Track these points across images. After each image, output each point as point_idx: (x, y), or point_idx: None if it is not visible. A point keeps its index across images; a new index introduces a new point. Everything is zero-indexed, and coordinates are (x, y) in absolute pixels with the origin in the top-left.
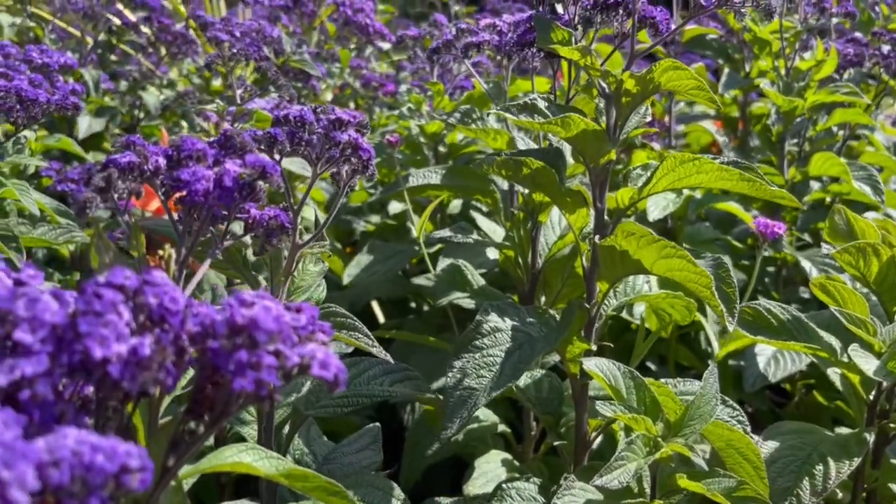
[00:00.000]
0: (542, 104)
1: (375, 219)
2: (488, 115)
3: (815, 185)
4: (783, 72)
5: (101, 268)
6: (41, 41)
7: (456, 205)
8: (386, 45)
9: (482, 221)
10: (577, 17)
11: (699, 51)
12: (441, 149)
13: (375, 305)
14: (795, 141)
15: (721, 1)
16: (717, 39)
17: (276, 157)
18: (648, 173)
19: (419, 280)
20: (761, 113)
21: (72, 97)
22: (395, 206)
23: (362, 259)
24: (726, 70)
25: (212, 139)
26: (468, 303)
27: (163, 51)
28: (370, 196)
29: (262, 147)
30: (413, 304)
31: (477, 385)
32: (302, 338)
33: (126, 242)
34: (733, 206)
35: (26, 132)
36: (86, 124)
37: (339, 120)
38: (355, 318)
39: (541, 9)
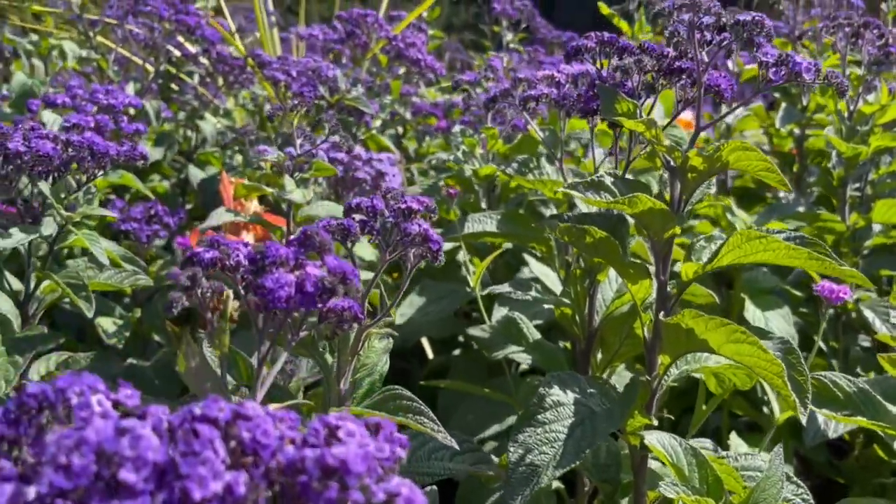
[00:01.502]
0: (608, 180)
1: None
2: (543, 156)
3: (876, 227)
4: (846, 115)
5: (187, 374)
6: (105, 71)
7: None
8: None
9: (535, 266)
10: (640, 85)
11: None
12: (494, 185)
13: (425, 340)
14: (857, 185)
15: (790, 76)
16: None
17: (349, 244)
18: (713, 247)
19: (474, 331)
20: (817, 147)
21: (139, 148)
22: (445, 244)
23: (415, 299)
24: (783, 105)
25: (292, 237)
26: (524, 357)
27: (220, 80)
28: None
29: (337, 237)
30: (461, 338)
31: (539, 462)
32: (385, 469)
33: (209, 340)
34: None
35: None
36: (140, 127)
37: (409, 209)
38: (421, 403)
39: (600, 69)
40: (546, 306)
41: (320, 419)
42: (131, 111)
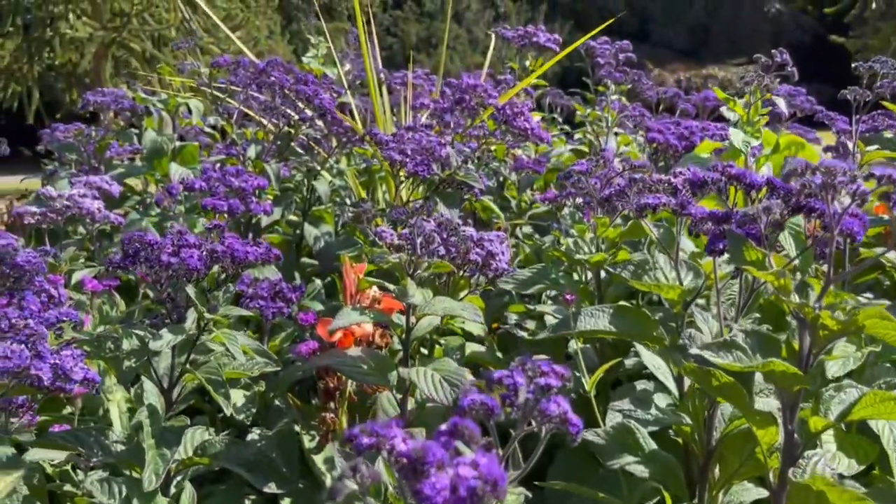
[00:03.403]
0: (740, 338)
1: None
2: (657, 250)
3: None
4: None
5: None
6: (228, 134)
7: None
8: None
9: (646, 356)
10: (766, 225)
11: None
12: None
13: None
14: None
15: None
16: None
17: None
18: (843, 397)
19: (588, 435)
20: None
21: (273, 251)
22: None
23: None
24: None
25: (441, 428)
26: (639, 469)
27: (334, 141)
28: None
29: (479, 413)
30: None
31: None
32: None
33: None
34: None
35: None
36: (267, 208)
37: (548, 386)
38: None
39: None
40: (662, 404)
41: None
42: (263, 203)
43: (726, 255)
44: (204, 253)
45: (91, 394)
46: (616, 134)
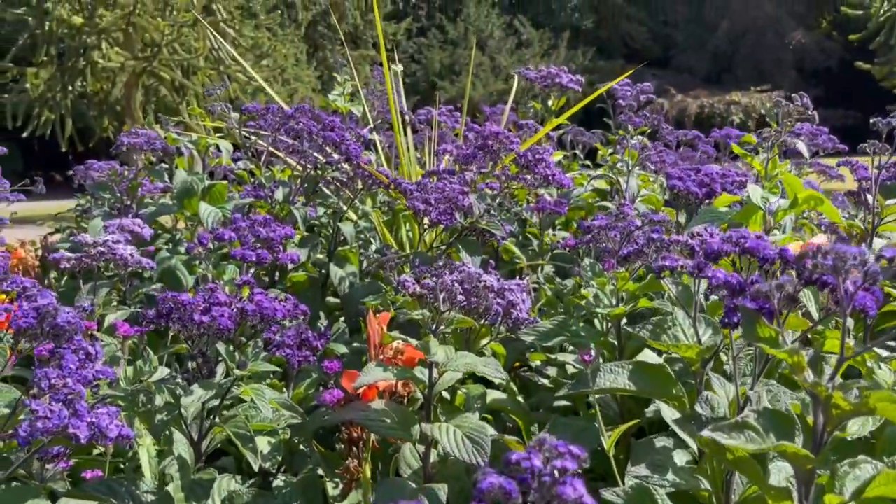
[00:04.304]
0: (752, 419)
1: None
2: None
3: None
4: None
5: None
6: (256, 175)
7: None
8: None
9: (665, 409)
10: (778, 301)
11: None
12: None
13: None
14: None
15: None
16: None
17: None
18: (859, 476)
19: (606, 494)
20: None
21: (300, 306)
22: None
23: (546, 437)
24: None
25: None
26: None
27: (359, 184)
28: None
29: (498, 497)
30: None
31: None
32: None
33: None
34: None
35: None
36: (294, 257)
37: (565, 468)
38: None
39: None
40: (681, 462)
41: None
42: (290, 250)
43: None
44: (234, 311)
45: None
46: (637, 163)
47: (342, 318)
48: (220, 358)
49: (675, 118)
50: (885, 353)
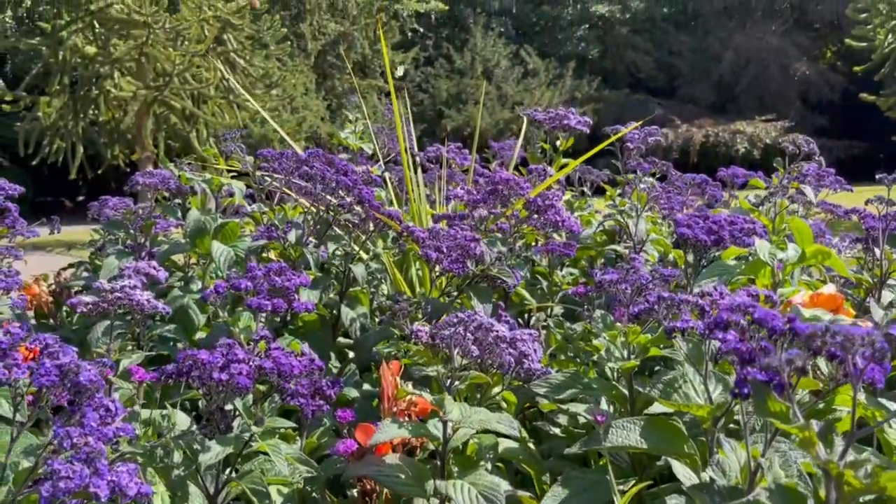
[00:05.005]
0: (763, 496)
1: (563, 420)
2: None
3: None
4: None
5: None
6: (272, 218)
7: None
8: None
9: (680, 470)
10: (789, 374)
11: None
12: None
13: None
14: None
15: None
16: None
17: None
18: None
19: None
20: None
21: (316, 361)
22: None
23: (558, 491)
24: None
25: None
26: None
27: (371, 225)
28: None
29: None
30: None
31: None
32: None
33: None
34: None
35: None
36: (304, 298)
37: None
38: None
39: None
40: None
41: None
42: (307, 299)
43: None
44: (252, 367)
45: None
46: (645, 206)
47: (352, 355)
48: (237, 413)
49: (681, 147)
50: (894, 406)
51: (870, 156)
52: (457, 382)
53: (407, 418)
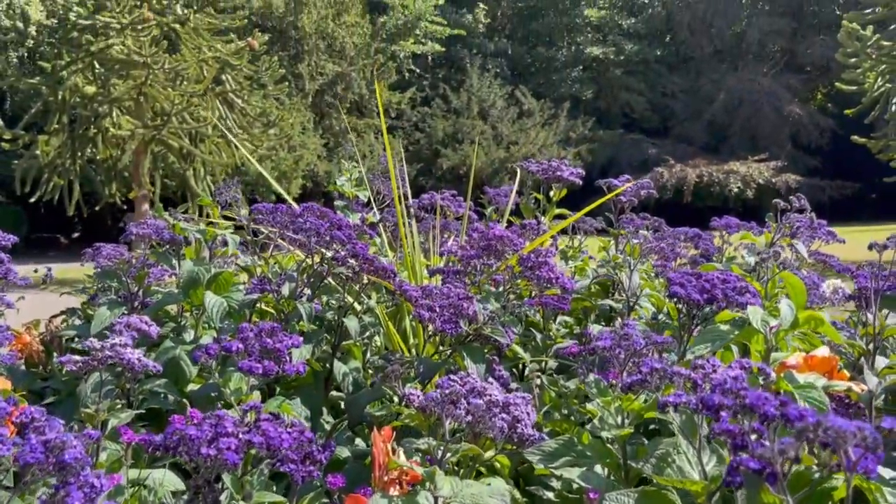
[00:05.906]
0: None
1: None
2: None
3: None
4: None
5: None
6: (265, 272)
7: None
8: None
9: None
10: (781, 464)
11: None
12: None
13: None
14: None
15: None
16: None
17: None
18: None
19: None
20: None
21: (306, 433)
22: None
23: None
24: None
25: None
26: None
27: (364, 278)
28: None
29: None
30: None
31: None
32: None
33: None
34: None
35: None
36: (296, 358)
37: None
38: None
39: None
40: None
41: None
42: (297, 362)
43: None
44: (241, 441)
45: None
46: (638, 260)
47: (343, 409)
48: (224, 486)
49: (675, 186)
50: (888, 475)
51: (861, 195)
52: (448, 455)
53: (398, 487)
